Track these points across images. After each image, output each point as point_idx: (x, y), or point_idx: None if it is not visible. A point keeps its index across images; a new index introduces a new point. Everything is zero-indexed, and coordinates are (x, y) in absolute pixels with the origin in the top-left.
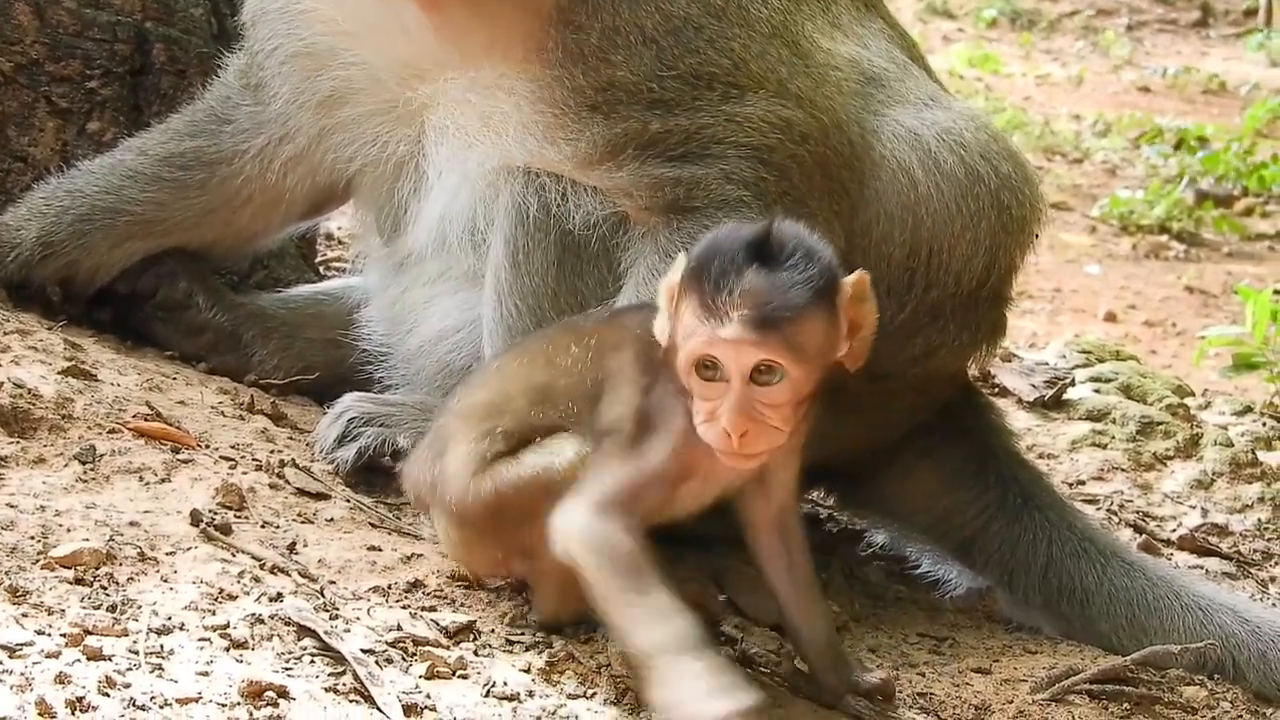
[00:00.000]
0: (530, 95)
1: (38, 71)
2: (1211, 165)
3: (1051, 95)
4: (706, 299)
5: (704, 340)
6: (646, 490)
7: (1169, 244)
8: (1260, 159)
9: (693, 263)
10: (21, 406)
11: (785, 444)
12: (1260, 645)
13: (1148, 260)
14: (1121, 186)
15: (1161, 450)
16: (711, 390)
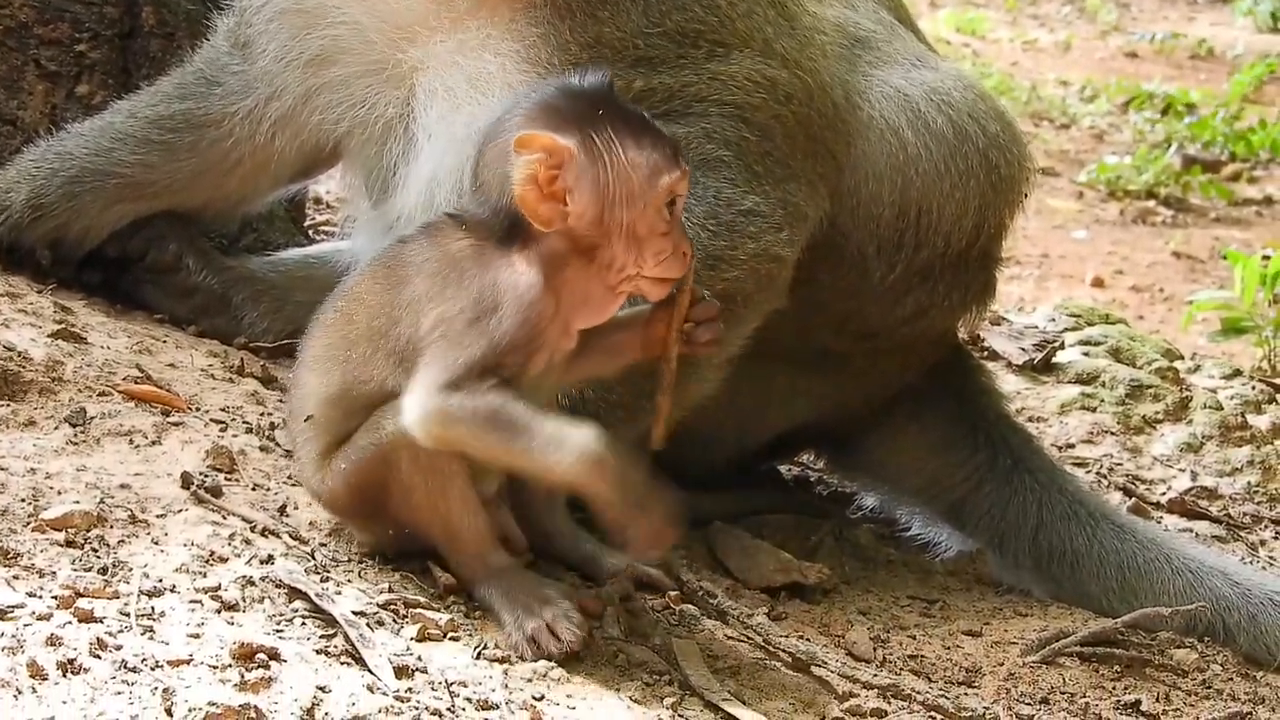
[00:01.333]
0: (516, 55)
1: (26, 34)
2: (1199, 131)
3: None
4: (661, 150)
5: (675, 178)
6: (502, 360)
7: (1156, 209)
8: (1247, 124)
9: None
10: (11, 369)
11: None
12: (1250, 608)
13: (1135, 225)
14: (1109, 152)
15: (1151, 413)
16: (666, 228)
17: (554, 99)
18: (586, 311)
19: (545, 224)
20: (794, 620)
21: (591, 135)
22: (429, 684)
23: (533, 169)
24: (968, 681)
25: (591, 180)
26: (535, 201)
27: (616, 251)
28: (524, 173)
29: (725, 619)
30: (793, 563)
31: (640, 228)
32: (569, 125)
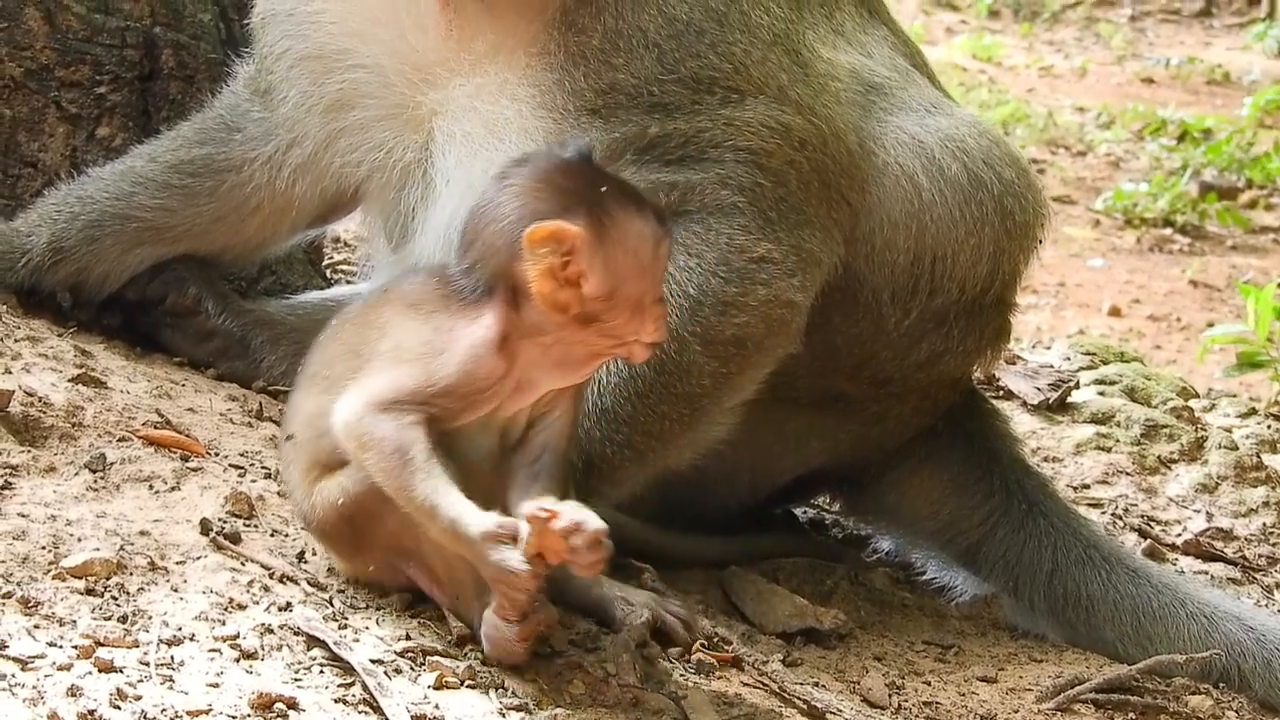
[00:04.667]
0: (533, 101)
1: (47, 77)
2: (1215, 157)
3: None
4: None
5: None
6: (432, 399)
7: (1173, 237)
8: (1263, 149)
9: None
10: (32, 415)
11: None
12: (1265, 654)
13: (1152, 253)
14: (1125, 179)
15: (1166, 453)
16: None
17: (549, 177)
18: (564, 374)
19: (564, 310)
20: (809, 666)
21: (596, 214)
22: None
23: (547, 261)
24: None
25: (603, 260)
26: (553, 292)
27: (619, 321)
28: (539, 268)
29: (740, 666)
30: (808, 608)
31: (646, 297)
32: (573, 207)
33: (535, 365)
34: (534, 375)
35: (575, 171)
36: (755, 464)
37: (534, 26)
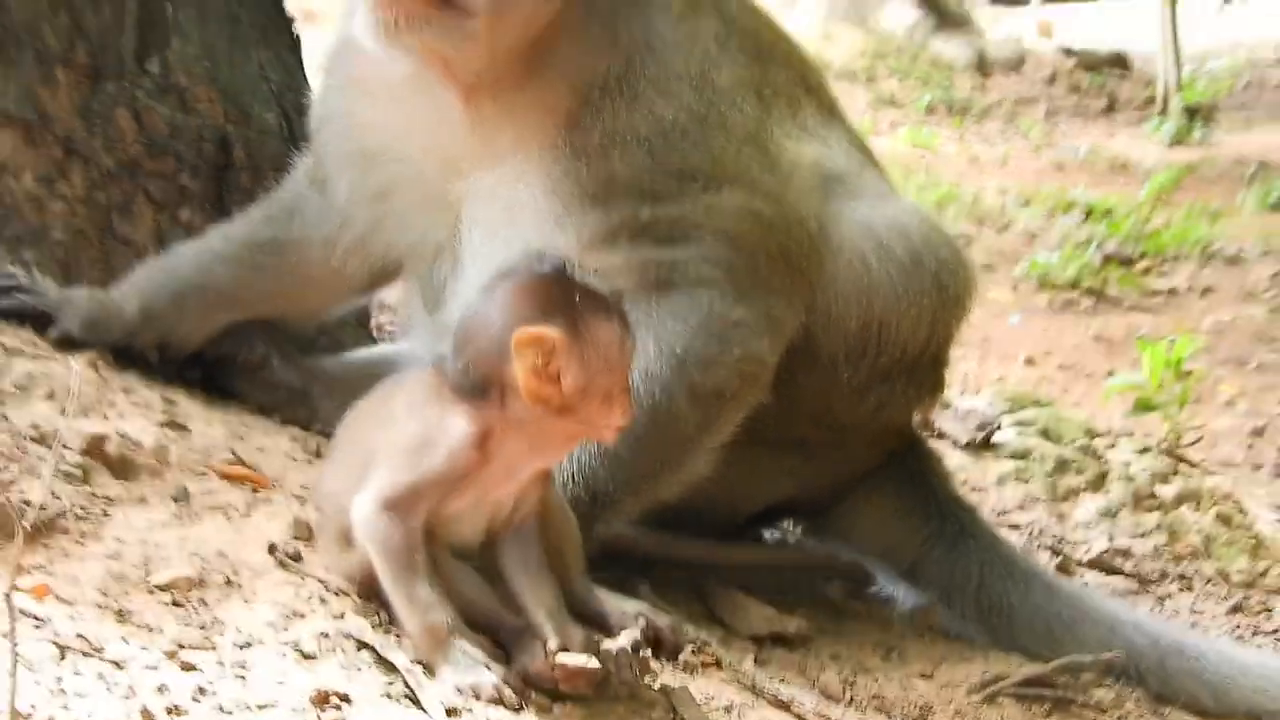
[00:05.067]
0: (544, 189)
1: (137, 168)
2: (1116, 231)
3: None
4: (619, 318)
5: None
6: (425, 491)
7: (1079, 299)
8: (1156, 225)
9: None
10: (127, 454)
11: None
12: (1158, 654)
13: (1061, 313)
14: (1040, 250)
15: (1074, 485)
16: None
17: (531, 287)
18: (544, 457)
19: (546, 403)
20: (776, 665)
21: (573, 320)
22: None
23: (532, 361)
24: (922, 717)
25: (579, 359)
26: (538, 388)
27: (593, 410)
28: (526, 367)
29: (719, 665)
30: (775, 616)
31: (615, 389)
32: (552, 313)
33: (518, 453)
34: (517, 462)
35: (553, 282)
36: (732, 495)
37: (545, 127)
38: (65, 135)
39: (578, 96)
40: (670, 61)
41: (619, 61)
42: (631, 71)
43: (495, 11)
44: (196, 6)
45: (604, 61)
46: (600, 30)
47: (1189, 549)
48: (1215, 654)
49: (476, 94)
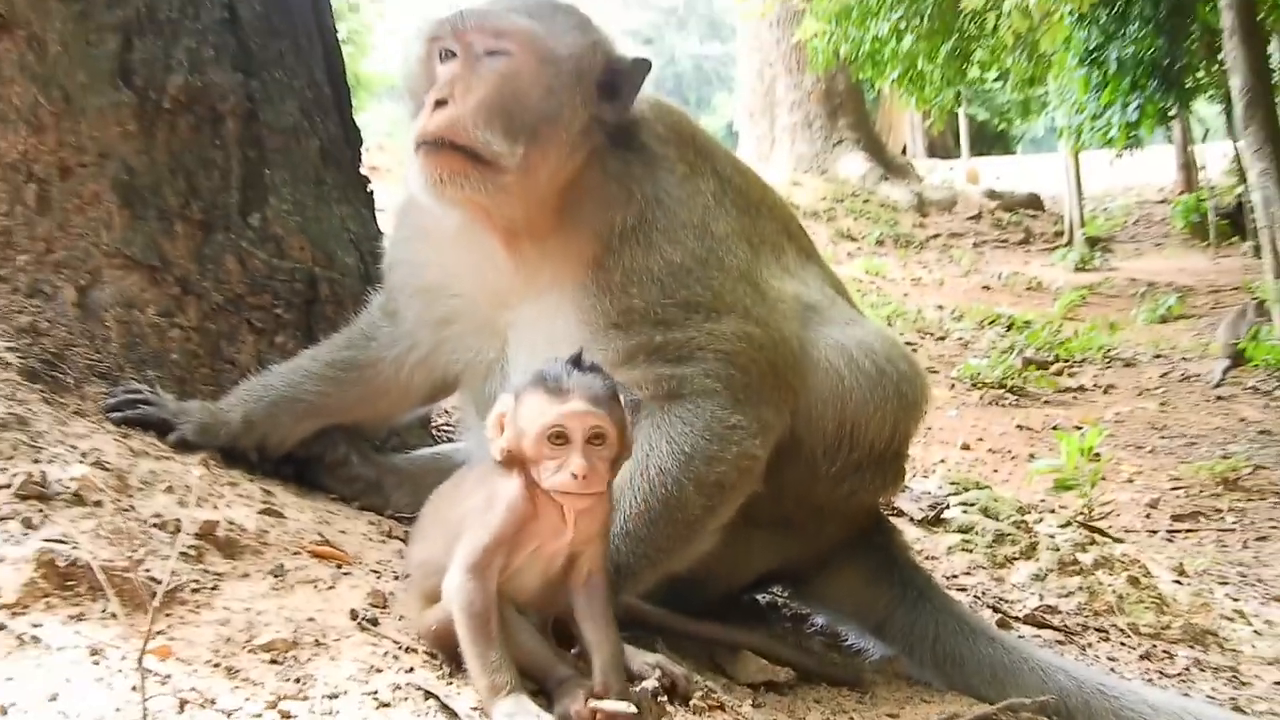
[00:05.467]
0: (576, 318)
1: (241, 303)
2: (1033, 340)
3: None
4: (552, 390)
5: (556, 414)
6: (493, 551)
7: (1005, 395)
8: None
9: (529, 381)
10: (233, 537)
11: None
12: (1083, 695)
13: (990, 407)
14: (971, 356)
15: (1010, 553)
16: (559, 452)
17: (532, 371)
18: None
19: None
20: (769, 708)
21: (516, 397)
22: None
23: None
24: None
25: (510, 422)
26: (493, 434)
27: (541, 464)
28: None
29: (723, 708)
30: (768, 666)
31: (530, 453)
32: (516, 389)
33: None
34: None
35: (530, 374)
36: (731, 566)
37: (575, 268)
38: (182, 276)
39: (601, 243)
40: (677, 213)
41: (634, 213)
42: (644, 222)
43: (523, 169)
44: (289, 170)
45: (621, 214)
46: (617, 188)
47: (1105, 606)
48: (1130, 694)
49: (517, 240)
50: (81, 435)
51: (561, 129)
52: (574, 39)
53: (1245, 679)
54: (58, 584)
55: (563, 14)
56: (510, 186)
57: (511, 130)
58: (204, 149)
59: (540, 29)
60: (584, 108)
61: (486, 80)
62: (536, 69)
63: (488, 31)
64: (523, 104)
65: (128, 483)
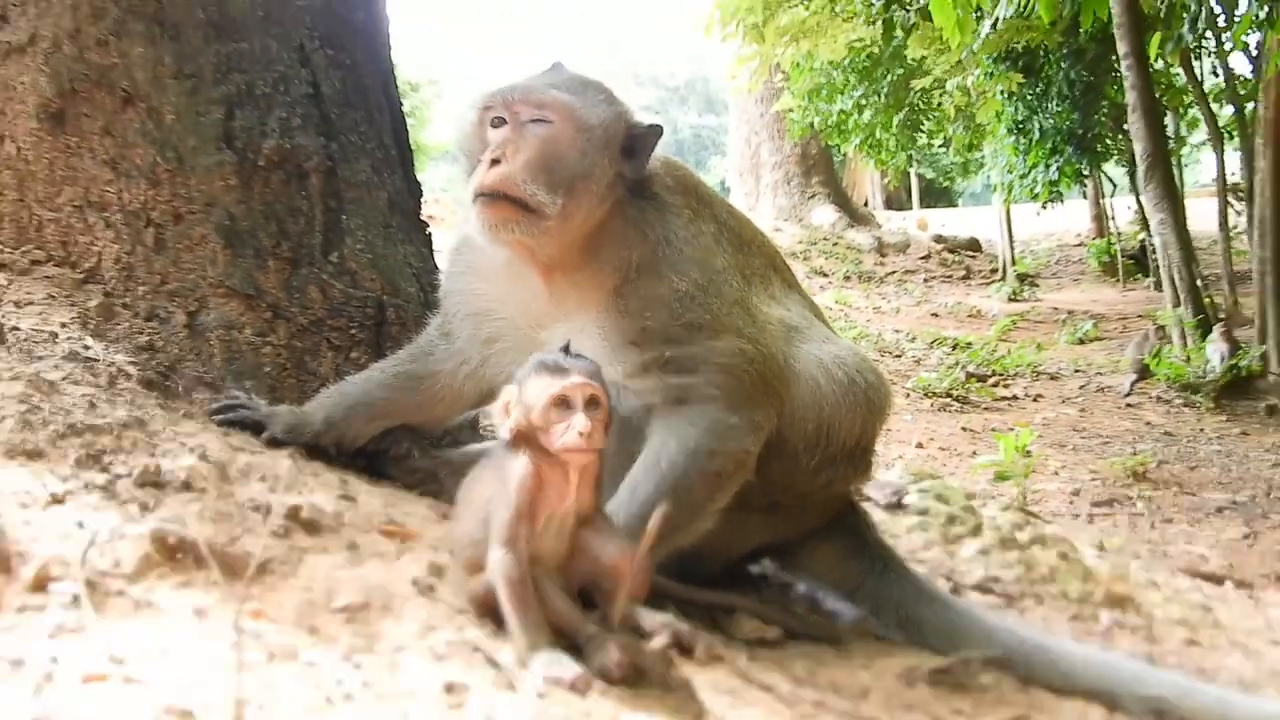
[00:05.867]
0: (599, 337)
1: (322, 324)
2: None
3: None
4: (552, 370)
5: (560, 386)
6: (516, 523)
7: (951, 403)
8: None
9: (529, 369)
10: (315, 518)
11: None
12: (1023, 650)
13: (939, 413)
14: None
15: (959, 533)
16: (564, 416)
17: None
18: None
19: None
20: (761, 661)
21: (519, 384)
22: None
23: (499, 403)
24: (862, 696)
25: (517, 403)
26: (500, 418)
27: (542, 439)
28: (498, 405)
29: (722, 660)
30: (760, 626)
31: (539, 422)
32: (518, 378)
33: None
34: (558, 482)
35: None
36: (728, 543)
37: (599, 296)
38: (273, 303)
39: (620, 275)
40: (683, 251)
41: (648, 251)
42: (656, 258)
43: (562, 216)
44: (362, 216)
45: (637, 251)
46: (634, 231)
47: (1040, 576)
48: (1062, 649)
49: (551, 273)
50: (190, 434)
51: (592, 183)
52: (603, 110)
53: (1158, 637)
54: (169, 557)
55: (593, 89)
56: (550, 230)
57: (552, 184)
58: (292, 199)
59: (576, 102)
60: (610, 166)
61: (531, 144)
62: (573, 135)
63: (532, 103)
64: (561, 163)
65: (228, 473)
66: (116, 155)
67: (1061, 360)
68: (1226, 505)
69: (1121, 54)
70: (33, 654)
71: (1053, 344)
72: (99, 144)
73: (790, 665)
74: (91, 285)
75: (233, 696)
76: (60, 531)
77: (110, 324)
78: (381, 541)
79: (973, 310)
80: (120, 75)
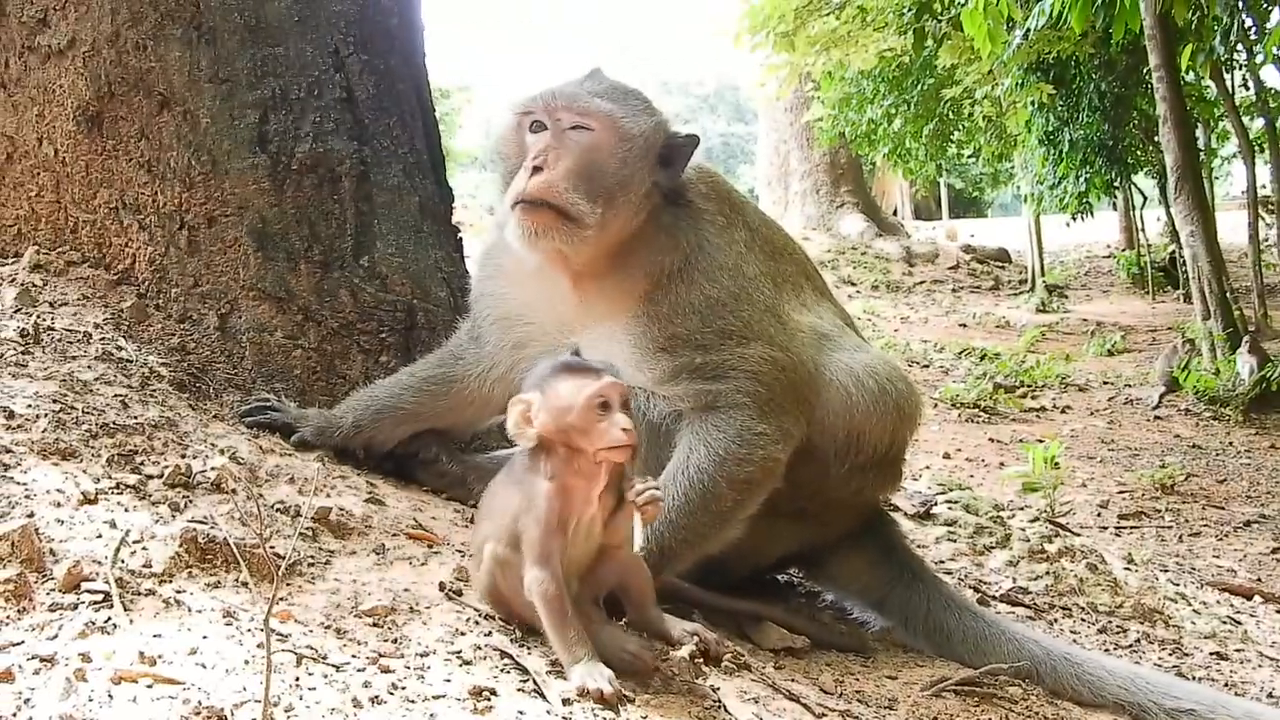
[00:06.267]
0: (629, 343)
1: (352, 328)
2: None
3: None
4: (581, 372)
5: (598, 387)
6: (549, 540)
7: (979, 414)
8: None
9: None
10: (343, 521)
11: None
12: (1051, 662)
13: (967, 424)
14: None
15: (988, 543)
16: (604, 417)
17: (533, 371)
18: (590, 481)
19: (529, 440)
20: (788, 669)
21: (542, 388)
22: (582, 709)
23: (515, 414)
24: (889, 707)
25: (545, 409)
26: (518, 427)
27: (579, 441)
28: (512, 417)
29: (749, 669)
30: (787, 635)
31: (581, 424)
32: (534, 385)
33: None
34: (581, 487)
35: (547, 365)
36: (755, 550)
37: (628, 301)
38: (304, 306)
39: (651, 281)
40: (715, 258)
41: (679, 258)
42: (688, 264)
43: (600, 226)
44: (393, 221)
45: (669, 257)
46: (667, 238)
47: (1068, 588)
48: (1090, 662)
49: (581, 279)
50: (220, 435)
51: (631, 193)
52: (644, 120)
53: (1187, 650)
54: (198, 557)
55: (634, 98)
56: (589, 239)
57: (593, 193)
58: (324, 203)
59: (619, 111)
60: (648, 175)
61: (573, 152)
62: (614, 144)
63: (575, 110)
64: (603, 172)
65: (257, 475)
66: (152, 158)
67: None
68: (1255, 519)
69: (1153, 66)
70: (64, 652)
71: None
72: (135, 147)
73: (817, 674)
74: (125, 287)
75: (261, 698)
76: (92, 530)
77: (143, 325)
78: (409, 545)
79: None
80: (157, 79)
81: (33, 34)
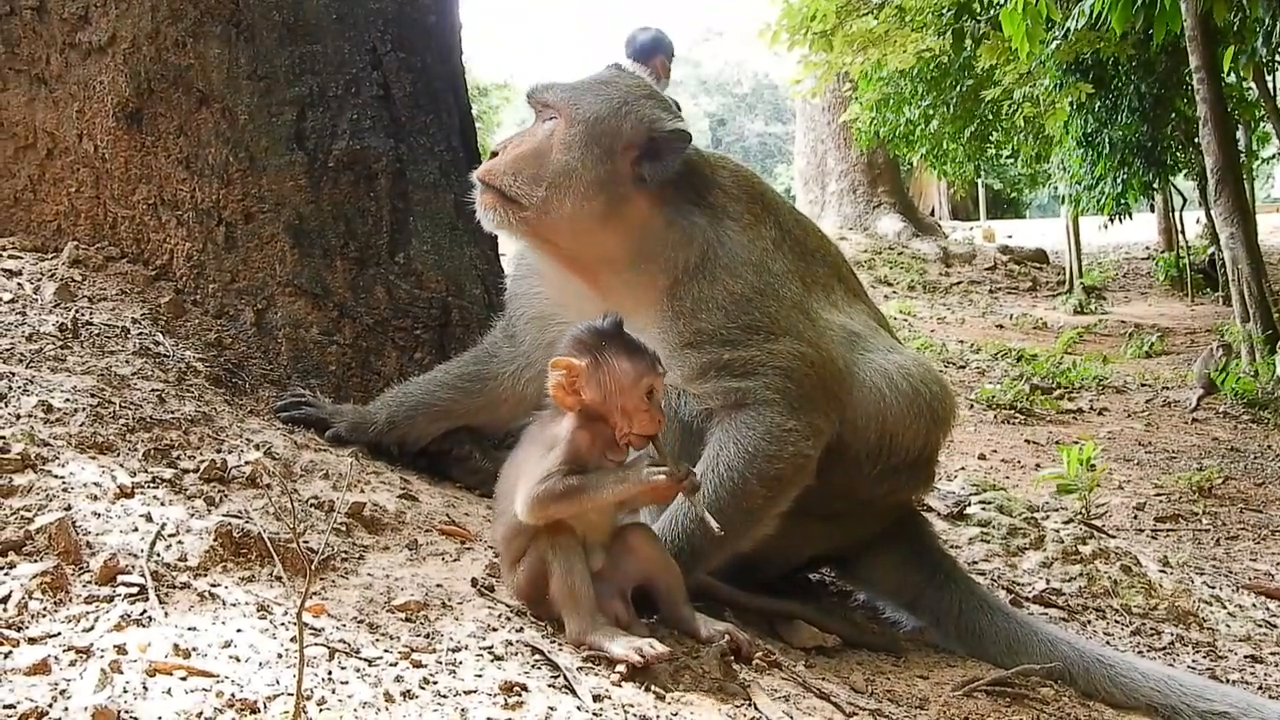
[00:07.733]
0: (654, 339)
1: (387, 325)
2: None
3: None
4: (636, 354)
5: (655, 380)
6: (568, 461)
7: (1015, 415)
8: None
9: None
10: (377, 517)
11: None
12: (1084, 664)
13: (1003, 425)
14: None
15: (1021, 544)
16: (649, 404)
17: (579, 334)
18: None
19: (571, 407)
20: (819, 668)
21: (594, 356)
22: (613, 705)
23: (559, 379)
24: (920, 707)
25: (596, 382)
26: (561, 396)
27: (617, 419)
28: (554, 383)
29: (780, 667)
30: (819, 634)
31: (629, 406)
32: (583, 351)
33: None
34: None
35: (595, 331)
36: (786, 549)
37: (652, 296)
38: (340, 303)
39: (671, 276)
40: (736, 253)
41: (696, 253)
42: (707, 259)
43: (541, 209)
44: (429, 218)
45: (685, 253)
46: (680, 234)
47: (1102, 590)
48: (1124, 664)
49: (595, 276)
50: (255, 430)
51: (579, 179)
52: (601, 109)
53: (1221, 653)
54: (233, 551)
55: (609, 90)
56: (530, 220)
57: (536, 178)
58: (360, 200)
59: (574, 99)
60: (608, 163)
61: (534, 137)
62: (565, 130)
63: (540, 100)
64: (546, 157)
65: (292, 470)
66: (190, 154)
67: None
68: None
69: (1193, 67)
70: (100, 644)
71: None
72: (174, 143)
73: (848, 674)
74: (163, 282)
75: (294, 691)
76: (128, 524)
77: (180, 321)
78: (442, 541)
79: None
80: (196, 76)
81: (74, 30)
